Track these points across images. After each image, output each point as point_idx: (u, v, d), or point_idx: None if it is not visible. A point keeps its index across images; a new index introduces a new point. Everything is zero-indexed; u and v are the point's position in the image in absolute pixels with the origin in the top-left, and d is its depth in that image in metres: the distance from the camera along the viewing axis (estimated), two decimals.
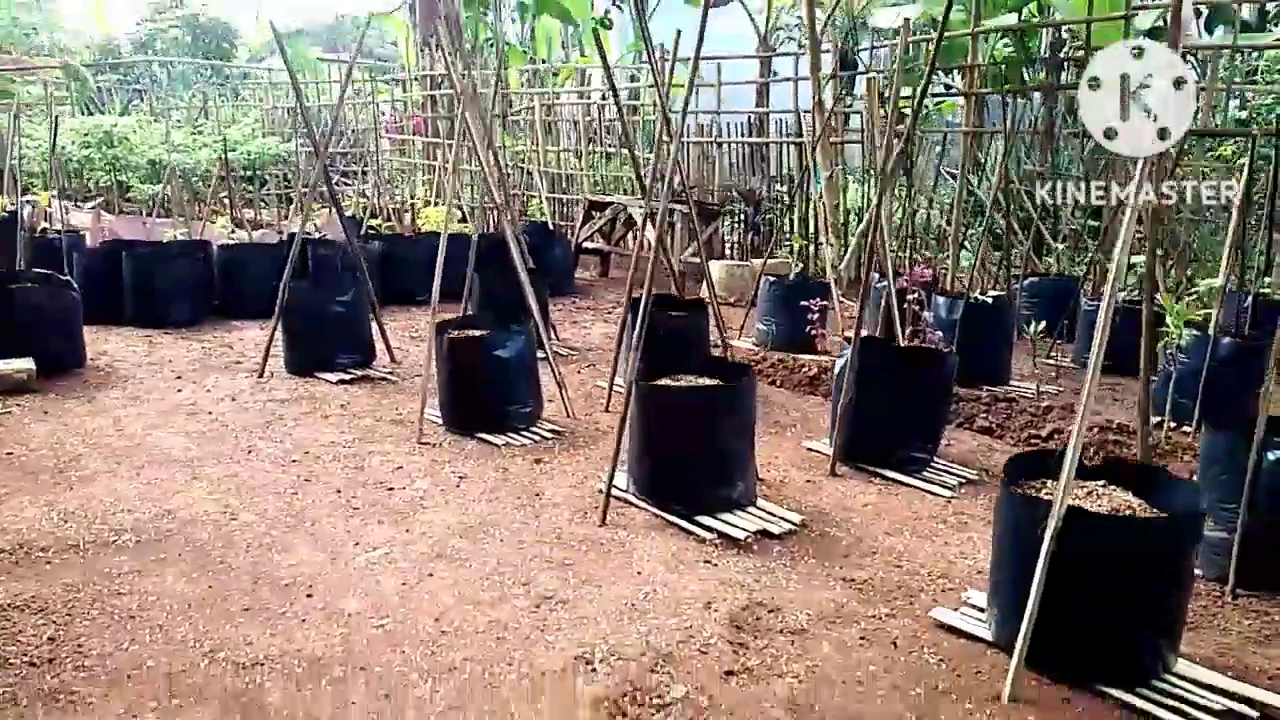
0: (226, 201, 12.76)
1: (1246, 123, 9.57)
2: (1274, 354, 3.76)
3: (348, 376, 6.64)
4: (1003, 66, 10.28)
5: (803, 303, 6.73)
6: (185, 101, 19.07)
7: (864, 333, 5.07)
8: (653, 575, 3.80)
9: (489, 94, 11.15)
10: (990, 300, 6.60)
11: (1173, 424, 5.48)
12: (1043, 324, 6.23)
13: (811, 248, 9.79)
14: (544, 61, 17.93)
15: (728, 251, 11.78)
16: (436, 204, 12.07)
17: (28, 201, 9.66)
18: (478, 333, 5.70)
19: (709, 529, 4.19)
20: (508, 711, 2.89)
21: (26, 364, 6.25)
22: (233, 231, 10.11)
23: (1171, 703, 2.96)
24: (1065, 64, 9.77)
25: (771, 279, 7.73)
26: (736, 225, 11.67)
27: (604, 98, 13.19)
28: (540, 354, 5.95)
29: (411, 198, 14.74)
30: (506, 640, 3.30)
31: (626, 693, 2.99)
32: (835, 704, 2.98)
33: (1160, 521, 3.16)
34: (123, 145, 14.34)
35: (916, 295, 5.98)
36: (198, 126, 16.43)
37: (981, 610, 3.45)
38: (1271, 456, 3.70)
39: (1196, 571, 3.85)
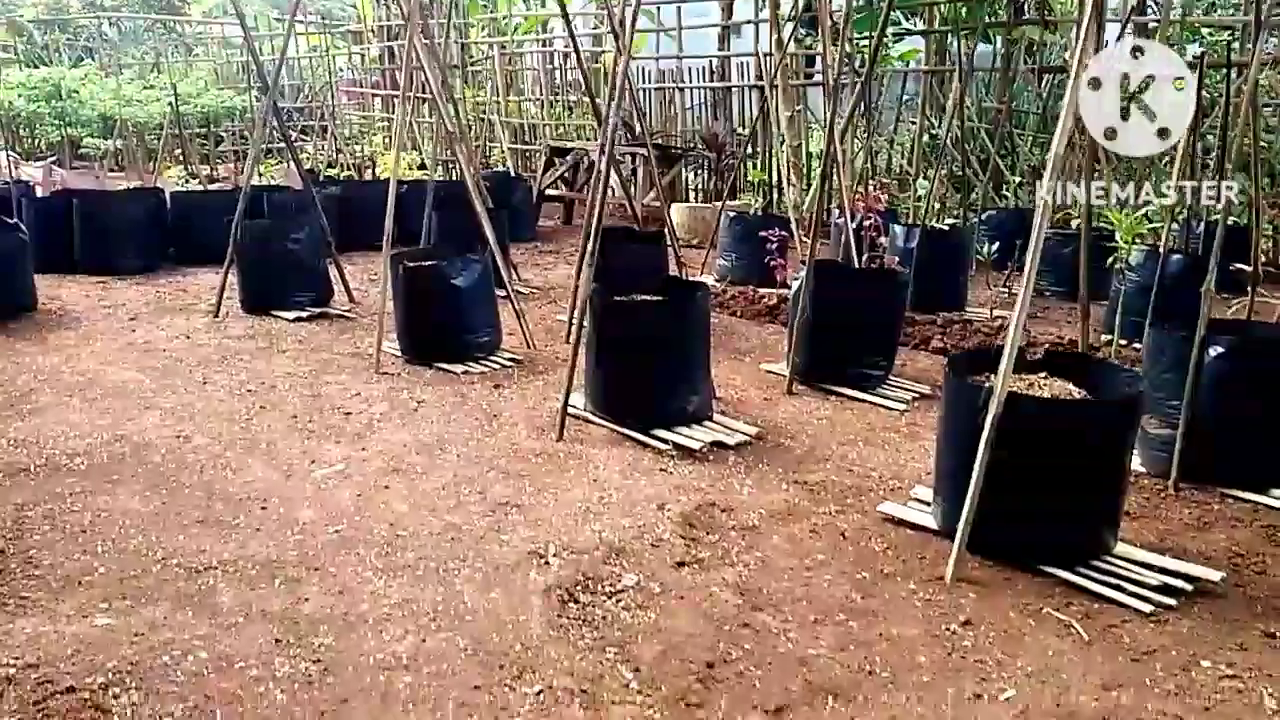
0: (181, 156, 12.55)
1: (1200, 58, 9.64)
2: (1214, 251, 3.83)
3: (304, 314, 6.59)
4: (961, 8, 10.28)
5: (761, 233, 6.74)
6: (136, 58, 18.64)
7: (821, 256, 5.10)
8: (608, 482, 3.84)
9: (445, 41, 11.00)
10: (947, 228, 6.65)
11: (1122, 341, 5.56)
12: (995, 246, 6.28)
13: (775, 191, 9.80)
14: (505, 18, 17.69)
15: (691, 196, 11.75)
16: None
17: None
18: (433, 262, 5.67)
19: (665, 441, 4.23)
20: (461, 601, 2.92)
21: None
22: (187, 181, 9.93)
23: (1110, 579, 3.04)
24: (1024, 4, 9.79)
25: (732, 214, 7.74)
26: (700, 170, 11.64)
27: (566, 46, 13.06)
28: (501, 292, 5.93)
29: (371, 154, 14.57)
30: (461, 541, 3.32)
31: (579, 582, 3.03)
32: (783, 587, 3.03)
33: (1097, 404, 3.22)
34: (72, 99, 14.00)
35: (874, 222, 6.01)
36: (149, 82, 16.08)
37: (928, 503, 3.51)
38: (1213, 353, 3.78)
39: (1139, 467, 3.95)
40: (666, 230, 6.49)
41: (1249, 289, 4.48)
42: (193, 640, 2.70)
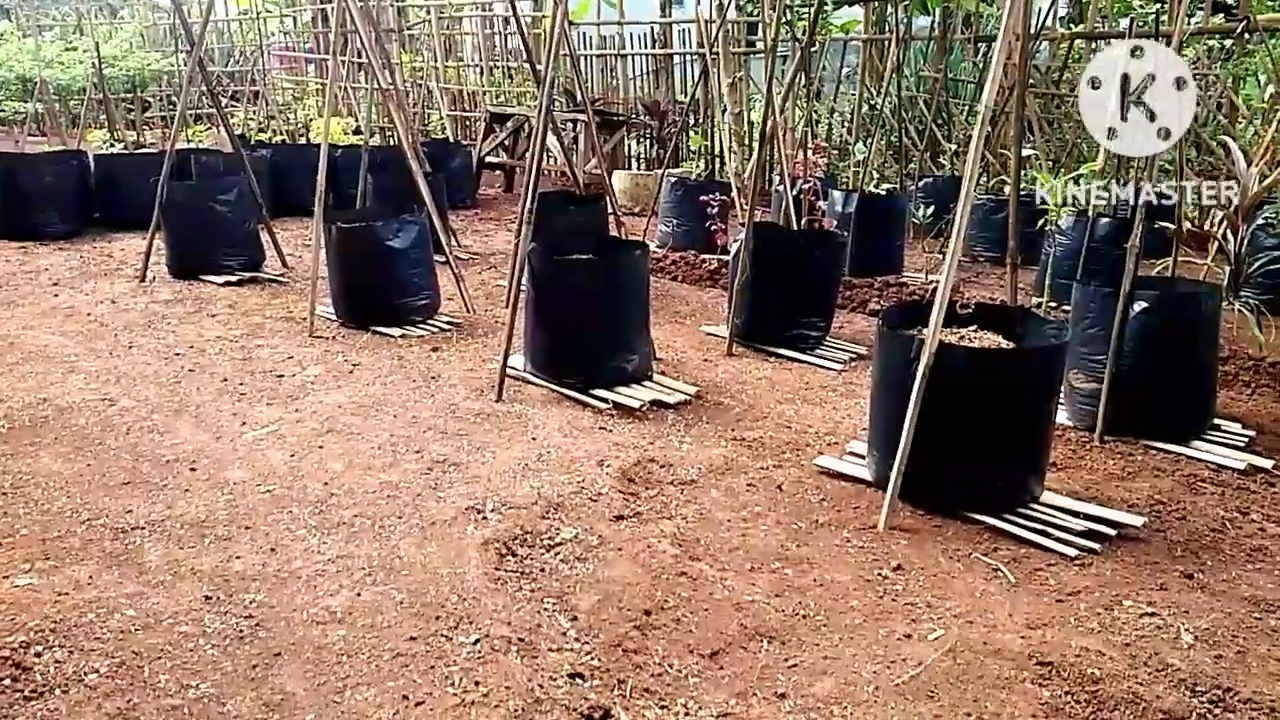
0: (105, 120, 12.11)
1: (1129, 28, 9.84)
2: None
3: (235, 279, 6.42)
4: None
5: (702, 198, 6.74)
6: (58, 19, 17.91)
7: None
8: (547, 440, 3.82)
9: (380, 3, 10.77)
10: (884, 193, 6.72)
11: (1052, 303, 5.69)
12: (930, 211, 6.37)
13: (716, 160, 9.80)
14: None
15: (633, 164, 11.70)
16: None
17: None
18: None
19: (604, 400, 4.22)
20: (396, 555, 2.89)
21: None
22: (111, 146, 9.59)
23: (1037, 525, 3.12)
24: None
25: (673, 179, 7.72)
26: (641, 138, 11.59)
27: (506, 10, 12.85)
28: (440, 257, 5.84)
29: (305, 121, 14.23)
30: (398, 498, 3.29)
31: (516, 536, 3.02)
32: (720, 538, 3.06)
33: (1024, 353, 3.30)
34: None
35: (812, 186, 6.05)
36: (71, 43, 15.47)
37: (862, 456, 3.57)
38: (1137, 308, 3.88)
39: (1066, 421, 4.06)
40: (606, 195, 6.44)
41: (1173, 248, 4.61)
42: (119, 598, 2.64)
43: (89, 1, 19.35)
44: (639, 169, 11.40)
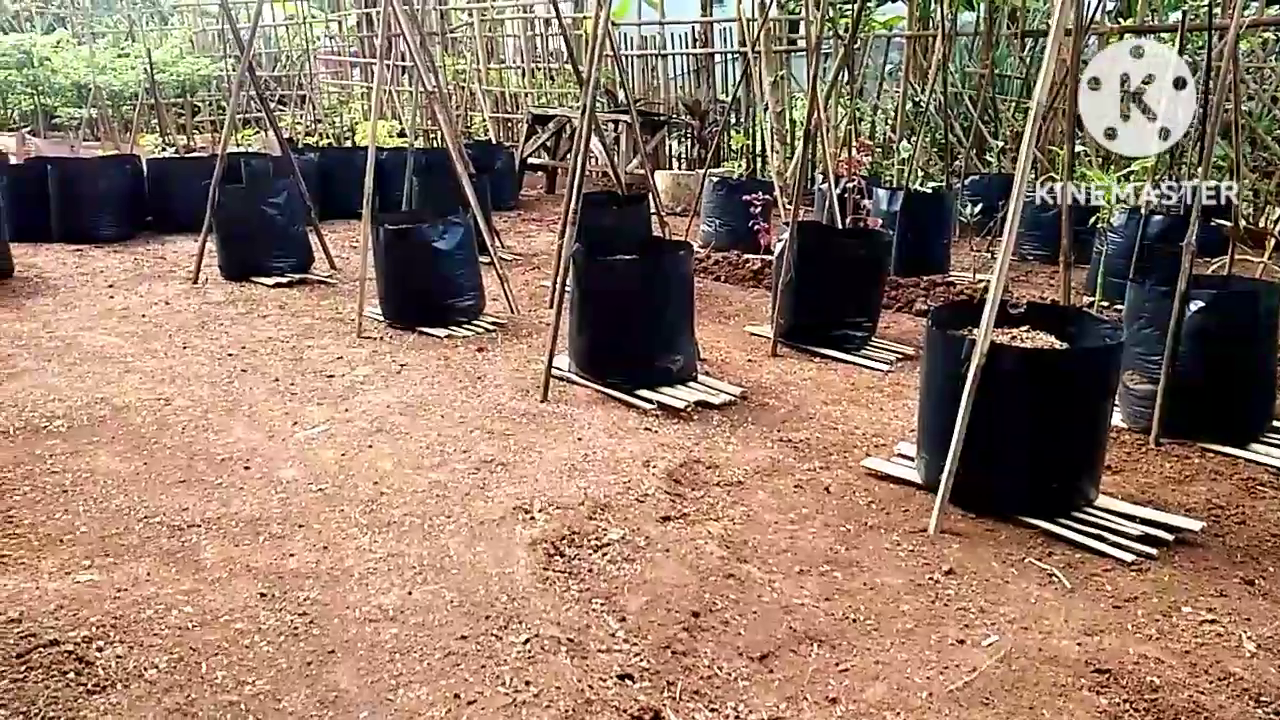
0: (157, 126, 12.36)
1: (1181, 21, 9.63)
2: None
3: (285, 280, 6.52)
4: None
5: (745, 198, 6.71)
6: (110, 25, 18.31)
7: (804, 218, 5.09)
8: (593, 441, 3.83)
9: (424, 8, 10.88)
10: (930, 191, 6.65)
11: (1104, 302, 5.59)
12: (978, 208, 6.29)
13: (758, 158, 9.76)
14: None
15: (674, 164, 11.69)
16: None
17: None
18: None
19: (649, 400, 4.22)
20: (446, 554, 2.92)
21: None
22: (163, 150, 9.79)
23: (1092, 530, 3.07)
24: None
25: (715, 179, 7.70)
26: (683, 138, 11.57)
27: (548, 11, 12.91)
28: (484, 258, 5.89)
29: (351, 125, 14.41)
30: (447, 498, 3.32)
31: (564, 536, 3.03)
32: (768, 539, 3.05)
33: (1079, 352, 3.24)
34: (44, 67, 13.75)
35: (857, 184, 6.00)
36: (123, 50, 15.80)
37: (911, 459, 3.53)
38: (1193, 308, 3.80)
39: (1120, 423, 3.98)
40: (650, 194, 6.45)
41: (1229, 246, 4.50)
42: (176, 595, 2.69)
43: (140, 8, 19.76)
44: (680, 169, 11.39)
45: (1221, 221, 4.86)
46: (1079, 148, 7.36)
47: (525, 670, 2.36)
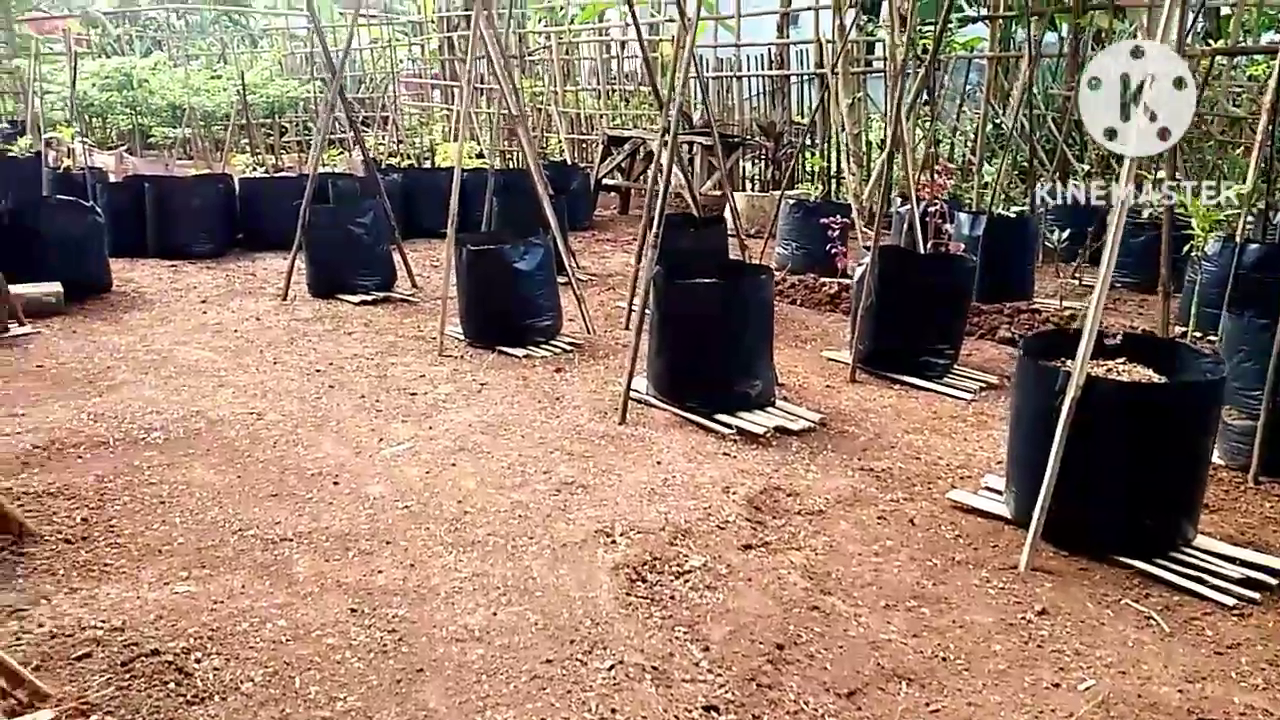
0: (248, 145, 12.80)
1: (1277, 43, 9.34)
2: None
3: (369, 298, 6.69)
4: None
5: (822, 220, 6.67)
6: (203, 49, 19.06)
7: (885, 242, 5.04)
8: (671, 465, 3.83)
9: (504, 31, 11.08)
10: (1014, 215, 6.53)
11: (1198, 333, 5.41)
12: (1066, 233, 6.14)
13: (833, 180, 9.70)
14: (561, 8, 17.76)
15: (747, 186, 11.68)
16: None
17: (51, 138, 9.69)
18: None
19: (727, 425, 4.21)
20: (530, 576, 2.94)
21: (54, 287, 6.33)
22: (253, 169, 10.13)
23: (1191, 571, 2.96)
24: None
25: (792, 201, 7.68)
26: (757, 160, 11.56)
27: (624, 32, 13.06)
28: (561, 278, 5.95)
29: (431, 146, 14.74)
30: (529, 519, 3.35)
31: (646, 561, 3.03)
32: (852, 572, 3.01)
33: (1179, 386, 3.14)
34: (142, 88, 14.36)
35: (939, 208, 5.92)
36: (216, 72, 16.43)
37: (999, 492, 3.45)
38: None
39: (1218, 460, 3.84)
40: (729, 215, 6.45)
41: None
42: (270, 608, 2.76)
43: (232, 32, 20.53)
44: (754, 190, 11.37)
45: None
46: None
47: (611, 698, 2.36)
